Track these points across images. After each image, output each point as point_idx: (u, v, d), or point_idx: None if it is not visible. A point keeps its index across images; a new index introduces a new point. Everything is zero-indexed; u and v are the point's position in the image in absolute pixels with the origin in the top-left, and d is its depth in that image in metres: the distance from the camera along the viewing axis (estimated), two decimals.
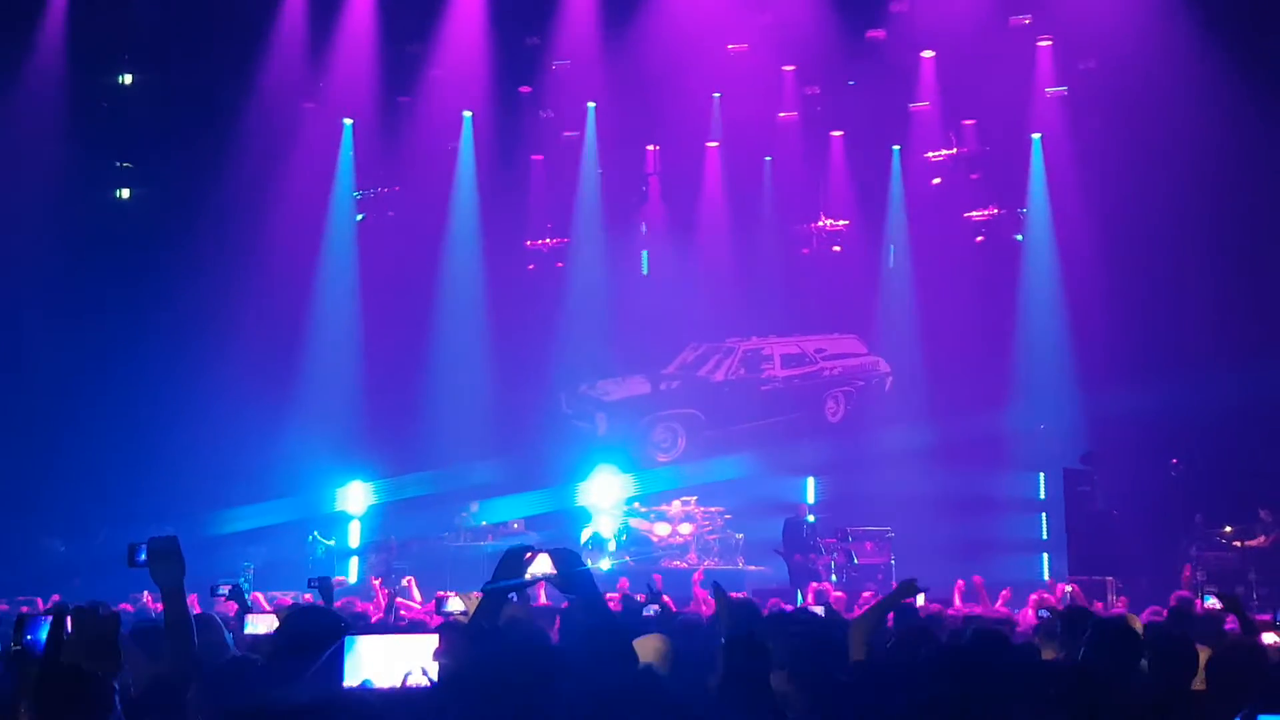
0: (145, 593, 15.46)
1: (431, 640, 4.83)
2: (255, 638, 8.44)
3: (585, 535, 23.29)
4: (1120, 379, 20.86)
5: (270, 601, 14.16)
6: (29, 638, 4.72)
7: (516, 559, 4.86)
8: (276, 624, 8.09)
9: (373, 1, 22.37)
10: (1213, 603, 10.11)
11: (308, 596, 12.90)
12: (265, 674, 5.15)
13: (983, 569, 17.20)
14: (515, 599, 6.26)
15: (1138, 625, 7.43)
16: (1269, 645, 7.43)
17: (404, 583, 19.38)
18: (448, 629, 5.84)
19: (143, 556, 4.88)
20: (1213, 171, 20.32)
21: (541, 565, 4.82)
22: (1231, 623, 8.78)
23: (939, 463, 22.75)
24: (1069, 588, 16.26)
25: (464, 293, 25.79)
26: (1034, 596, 13.50)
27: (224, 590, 9.92)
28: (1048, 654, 7.54)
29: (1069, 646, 7.34)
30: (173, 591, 4.77)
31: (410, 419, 24.93)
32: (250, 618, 9.04)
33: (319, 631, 5.21)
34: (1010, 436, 22.99)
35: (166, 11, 22.24)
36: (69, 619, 3.78)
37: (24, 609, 11.37)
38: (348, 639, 4.72)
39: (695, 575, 17.09)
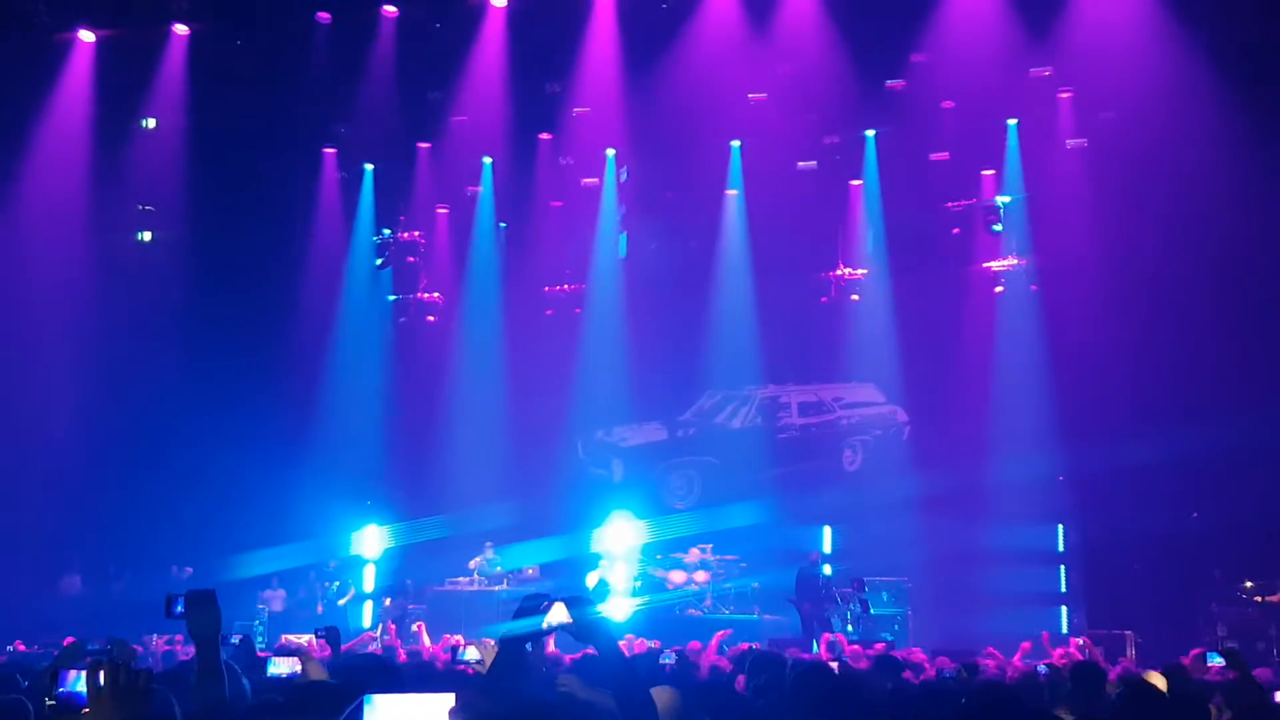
0: (155, 635, 15.51)
1: (448, 699, 4.79)
2: (278, 679, 8.46)
3: (592, 580, 23.18)
4: (1141, 430, 20.74)
5: (280, 646, 14.13)
6: (62, 690, 4.75)
7: (532, 608, 4.83)
8: (299, 666, 8.12)
9: (394, 47, 22.52)
10: (1218, 661, 10.00)
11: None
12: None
13: (1000, 621, 17.14)
14: (531, 648, 6.22)
15: (1161, 683, 7.34)
16: None
17: (414, 628, 19.34)
18: (464, 686, 5.80)
19: (180, 608, 4.91)
20: (1233, 219, 20.26)
21: (558, 614, 4.79)
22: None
23: (956, 513, 22.59)
24: (1080, 641, 16.15)
25: (482, 337, 25.85)
26: (1059, 651, 13.46)
27: (235, 640, 9.93)
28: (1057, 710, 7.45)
29: (1081, 703, 7.27)
30: (208, 641, 4.80)
31: (426, 464, 24.95)
32: (275, 659, 9.05)
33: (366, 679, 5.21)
34: (1029, 487, 22.82)
35: (189, 56, 22.43)
36: (101, 672, 3.77)
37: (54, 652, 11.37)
38: (365, 697, 4.69)
39: (719, 634, 16.80)
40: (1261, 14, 19.52)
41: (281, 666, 8.67)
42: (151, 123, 23.24)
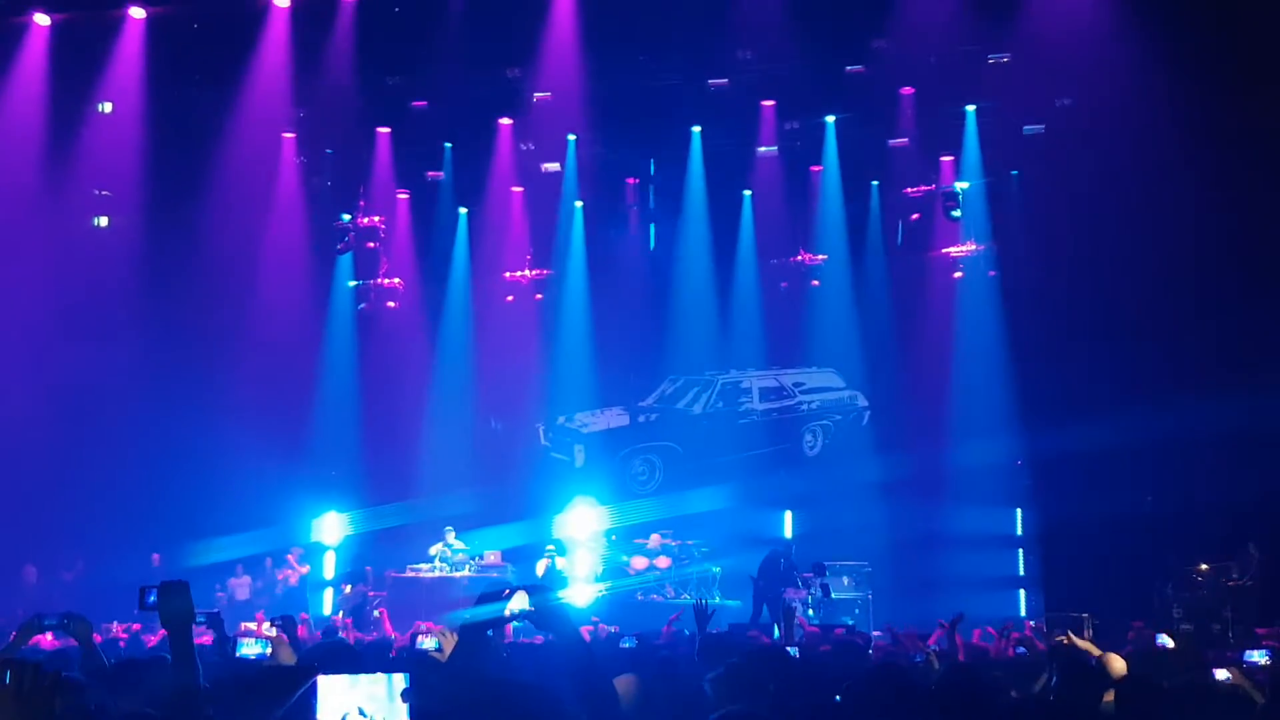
0: (115, 623, 15.41)
1: (400, 679, 4.81)
2: (246, 660, 8.46)
3: (540, 568, 23.16)
4: (1097, 415, 20.90)
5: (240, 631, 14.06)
6: None
7: (493, 597, 4.85)
8: (269, 650, 8.10)
9: (353, 31, 22.37)
10: (1165, 640, 10.17)
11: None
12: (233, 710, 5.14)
13: (960, 605, 17.16)
14: (492, 634, 6.23)
15: (1118, 665, 7.44)
16: (1221, 680, 7.47)
17: (375, 614, 19.25)
18: (419, 667, 5.82)
19: (153, 599, 4.95)
20: (1187, 205, 20.38)
21: (519, 601, 4.82)
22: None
23: (917, 497, 22.77)
24: (1031, 623, 16.31)
25: (443, 323, 25.82)
26: (1016, 635, 13.58)
27: (201, 619, 9.86)
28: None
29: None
30: (181, 629, 4.84)
31: (387, 450, 24.90)
32: (243, 640, 9.02)
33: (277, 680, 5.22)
34: (988, 471, 23.01)
35: (147, 39, 22.21)
36: (8, 672, 3.73)
37: None
38: (318, 678, 4.70)
39: (673, 617, 16.96)
40: (1218, 2, 19.65)
41: (251, 648, 8.67)
42: (108, 107, 22.98)
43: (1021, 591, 23.26)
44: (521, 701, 4.01)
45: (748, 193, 25.42)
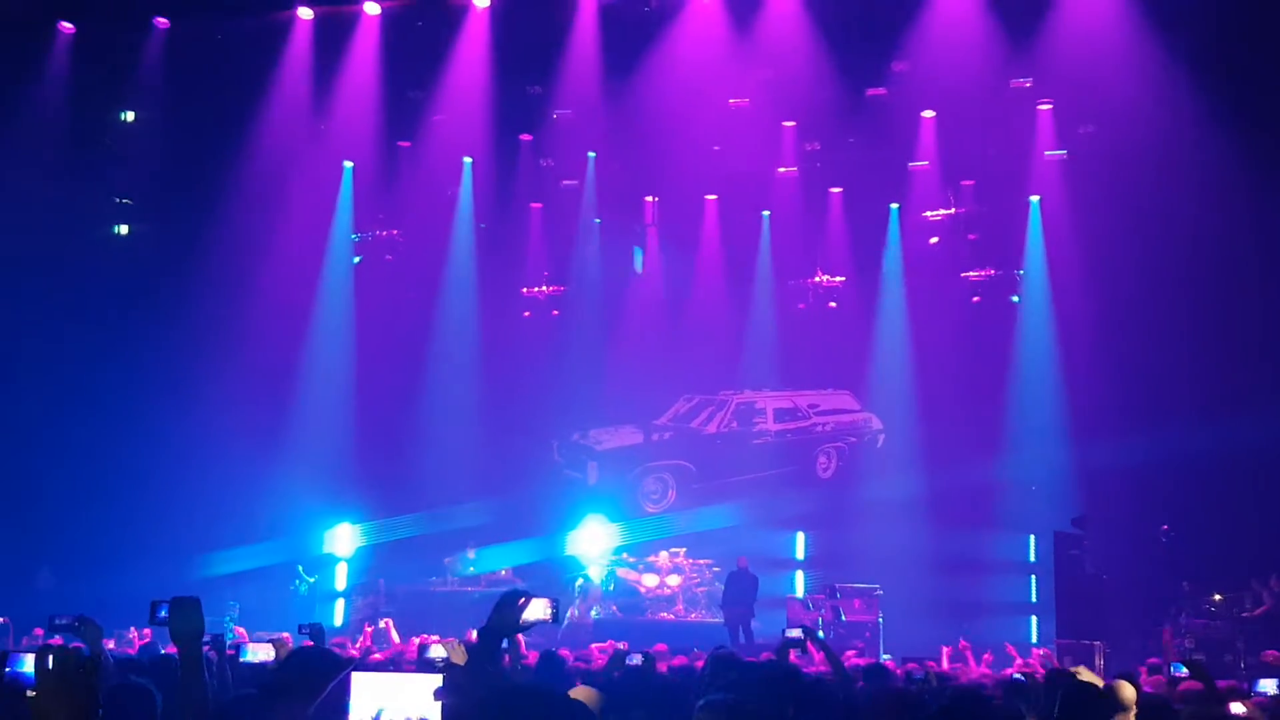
0: (132, 629, 15.47)
1: (434, 679, 4.81)
2: (252, 666, 8.47)
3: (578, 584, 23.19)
4: (1113, 442, 20.86)
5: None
6: (8, 670, 4.86)
7: (510, 604, 4.84)
8: (274, 654, 8.10)
9: (376, 46, 22.45)
10: (1182, 670, 10.12)
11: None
12: (264, 711, 5.15)
13: (971, 630, 17.19)
14: (507, 644, 6.23)
15: (1129, 693, 7.38)
16: (1237, 714, 7.43)
17: (381, 625, 19.23)
18: (452, 668, 5.82)
19: (163, 614, 5.01)
20: (1205, 234, 20.38)
21: (536, 611, 4.82)
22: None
23: (930, 522, 22.69)
24: (1041, 651, 16.22)
25: (459, 338, 25.80)
26: (1020, 662, 13.54)
27: (206, 639, 9.90)
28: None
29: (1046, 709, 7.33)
30: (190, 644, 4.86)
31: (401, 463, 24.87)
32: (249, 646, 9.04)
33: (321, 669, 5.24)
34: (1002, 497, 22.94)
35: (170, 50, 22.31)
36: (50, 657, 3.79)
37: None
38: (352, 675, 4.71)
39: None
40: (1242, 30, 19.61)
41: (257, 654, 8.69)
42: (130, 115, 23.08)
43: (1033, 618, 23.13)
44: (553, 711, 3.99)
45: (766, 213, 25.39)
